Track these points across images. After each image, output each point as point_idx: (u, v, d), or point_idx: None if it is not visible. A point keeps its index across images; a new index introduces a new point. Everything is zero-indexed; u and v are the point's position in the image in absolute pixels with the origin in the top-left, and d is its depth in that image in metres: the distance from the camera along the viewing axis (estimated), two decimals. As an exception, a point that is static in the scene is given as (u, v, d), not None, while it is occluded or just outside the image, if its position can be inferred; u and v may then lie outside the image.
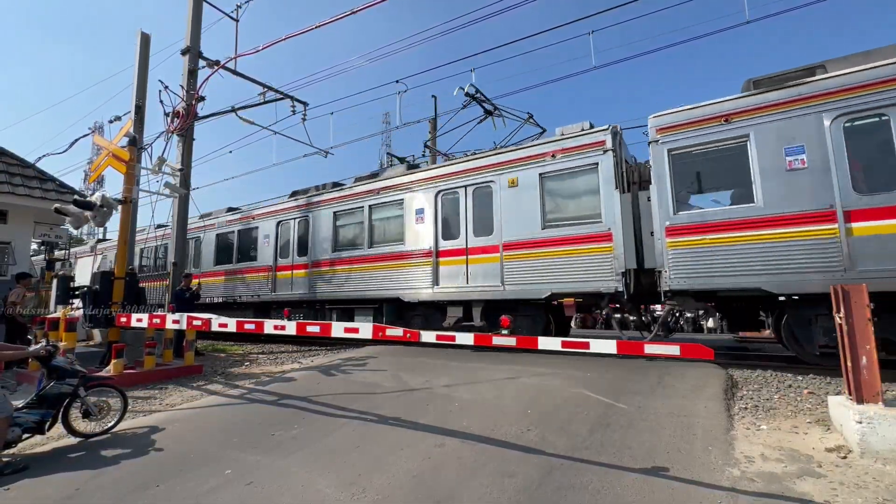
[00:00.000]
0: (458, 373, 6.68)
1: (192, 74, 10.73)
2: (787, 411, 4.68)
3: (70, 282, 8.26)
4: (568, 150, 8.15)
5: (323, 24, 10.79)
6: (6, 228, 10.91)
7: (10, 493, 3.36)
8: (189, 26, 10.99)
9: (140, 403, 5.80)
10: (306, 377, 7.02)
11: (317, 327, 4.80)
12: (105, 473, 3.65)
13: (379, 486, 3.23)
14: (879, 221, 5.76)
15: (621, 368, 6.49)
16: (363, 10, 10.02)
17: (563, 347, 3.93)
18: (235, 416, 5.21)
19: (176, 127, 10.29)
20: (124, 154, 7.92)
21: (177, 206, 10.34)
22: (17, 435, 3.95)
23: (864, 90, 6.01)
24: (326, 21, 10.77)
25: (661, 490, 3.06)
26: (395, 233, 10.24)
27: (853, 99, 6.05)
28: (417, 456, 3.75)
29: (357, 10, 10.08)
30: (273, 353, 10.15)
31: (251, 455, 3.91)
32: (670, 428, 4.19)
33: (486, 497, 3.03)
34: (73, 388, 4.33)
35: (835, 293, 4.04)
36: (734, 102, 6.78)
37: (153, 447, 4.20)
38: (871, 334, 3.80)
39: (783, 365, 6.74)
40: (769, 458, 3.57)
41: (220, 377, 7.50)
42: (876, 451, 3.47)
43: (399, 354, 8.53)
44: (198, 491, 3.27)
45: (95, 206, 7.60)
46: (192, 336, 8.01)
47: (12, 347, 4.43)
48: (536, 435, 4.13)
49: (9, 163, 10.87)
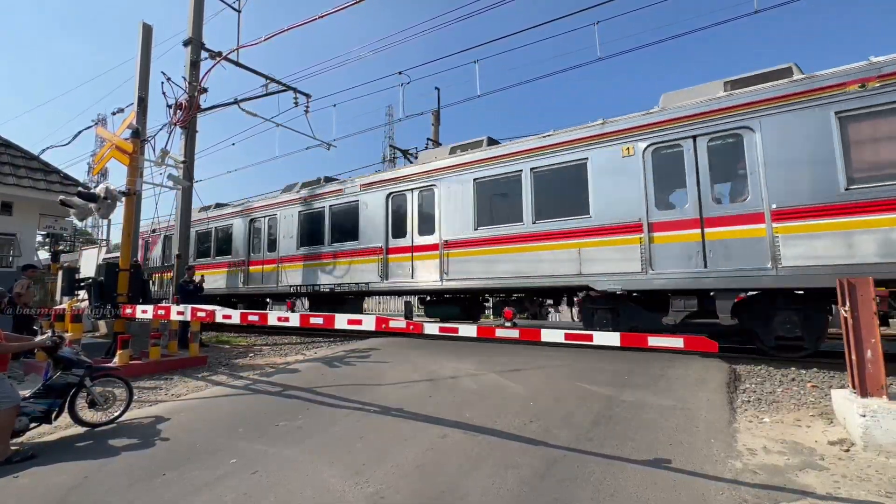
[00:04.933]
0: (461, 364, 6.70)
1: (194, 66, 10.69)
2: (791, 404, 4.68)
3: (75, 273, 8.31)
4: None
5: (326, 14, 10.72)
6: (11, 220, 10.98)
7: (19, 481, 3.41)
8: (191, 17, 10.93)
9: (146, 394, 5.85)
10: (310, 368, 7.06)
11: (320, 319, 4.82)
12: (112, 462, 3.69)
13: (382, 476, 3.25)
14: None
15: (624, 361, 6.49)
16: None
17: (567, 340, 3.93)
18: (240, 407, 5.25)
19: (179, 119, 10.28)
20: (128, 146, 7.93)
21: (180, 198, 10.36)
22: (25, 424, 4.00)
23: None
24: (329, 11, 10.71)
25: (663, 482, 3.07)
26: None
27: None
28: (421, 446, 3.77)
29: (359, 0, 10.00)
30: (277, 345, 10.21)
31: (256, 445, 3.95)
32: (673, 420, 4.20)
33: (489, 488, 3.05)
34: (79, 378, 4.37)
35: (840, 287, 4.02)
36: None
37: (159, 437, 4.24)
38: (876, 328, 3.79)
39: (787, 358, 6.73)
40: (772, 450, 3.57)
41: (225, 368, 7.55)
42: (879, 445, 3.47)
43: (403, 346, 8.57)
44: (204, 479, 3.30)
45: (99, 198, 7.63)
46: (196, 327, 8.07)
47: (19, 338, 4.47)
48: (539, 427, 4.14)
49: (14, 155, 10.92)
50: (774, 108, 6.40)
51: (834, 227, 5.91)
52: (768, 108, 6.44)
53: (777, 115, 6.38)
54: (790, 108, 6.30)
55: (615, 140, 7.62)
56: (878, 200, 5.68)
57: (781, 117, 6.35)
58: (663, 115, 7.26)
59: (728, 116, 6.71)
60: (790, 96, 6.32)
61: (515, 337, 4.11)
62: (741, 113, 6.62)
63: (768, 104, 6.44)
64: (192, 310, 5.79)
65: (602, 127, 7.80)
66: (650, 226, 7.18)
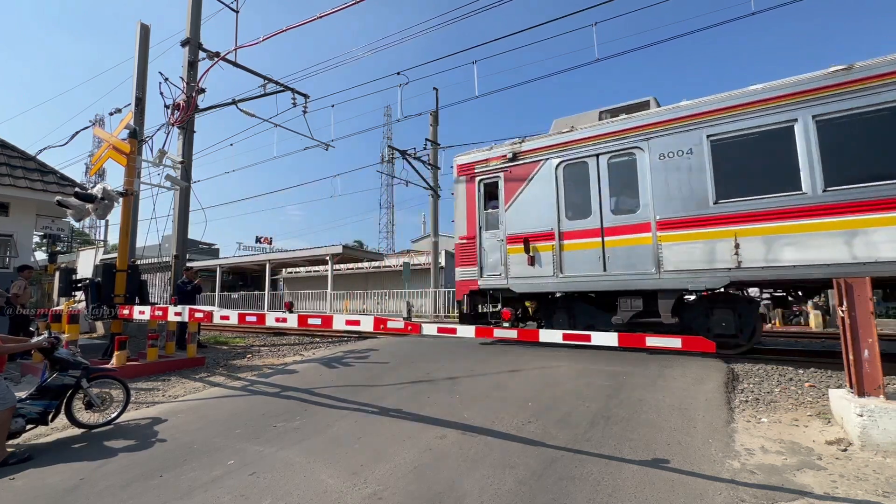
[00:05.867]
0: (459, 365, 6.69)
1: (192, 66, 10.67)
2: (788, 404, 4.69)
3: (72, 274, 8.28)
4: None
5: (324, 14, 10.70)
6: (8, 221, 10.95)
7: (15, 483, 3.39)
8: (189, 17, 10.91)
9: (143, 395, 5.83)
10: (308, 369, 7.05)
11: (318, 319, 4.81)
12: (109, 463, 3.68)
13: (380, 477, 3.24)
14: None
15: (623, 361, 6.50)
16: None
17: (565, 340, 3.93)
18: (238, 408, 5.24)
19: (177, 119, 10.25)
20: (125, 146, 7.91)
21: (178, 198, 10.33)
22: (21, 426, 3.98)
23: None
24: (328, 11, 10.68)
25: (661, 482, 3.07)
26: None
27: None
28: (419, 447, 3.76)
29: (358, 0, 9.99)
30: (275, 346, 10.19)
31: (254, 446, 3.94)
32: (671, 420, 4.20)
33: (487, 488, 3.04)
34: (75, 379, 4.35)
35: (838, 286, 4.03)
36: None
37: (156, 438, 4.23)
38: (873, 327, 3.80)
39: (785, 358, 6.74)
40: (769, 450, 3.58)
41: (223, 369, 7.53)
42: (877, 444, 3.48)
43: (401, 347, 8.56)
44: (201, 480, 3.29)
45: (97, 199, 7.60)
46: (194, 328, 8.05)
47: (16, 339, 4.45)
48: (537, 427, 4.14)
49: (10, 155, 10.88)
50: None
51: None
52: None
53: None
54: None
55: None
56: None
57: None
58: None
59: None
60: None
61: (514, 337, 4.12)
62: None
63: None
64: (190, 310, 5.78)
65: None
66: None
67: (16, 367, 7.21)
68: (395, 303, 20.27)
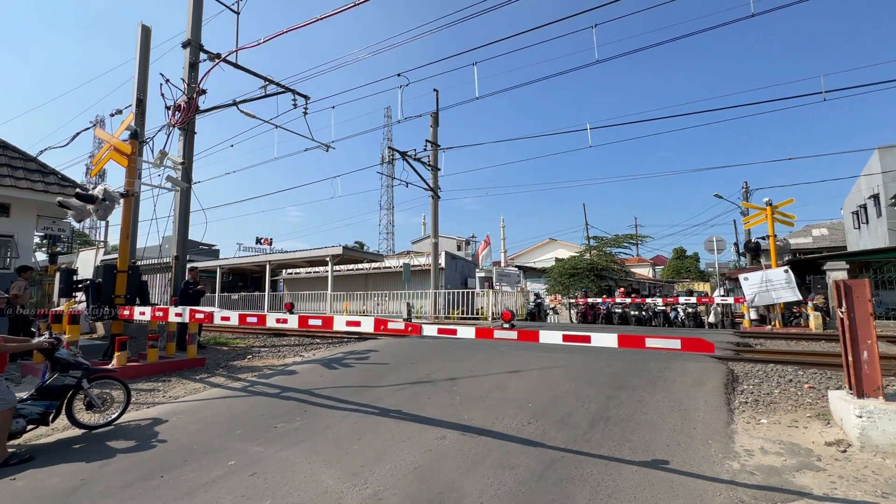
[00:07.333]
0: (459, 366, 6.70)
1: (193, 67, 10.68)
2: (788, 405, 4.69)
3: (73, 275, 8.28)
4: None
5: (325, 16, 10.72)
6: (9, 222, 10.96)
7: (16, 483, 3.39)
8: (190, 19, 10.92)
9: (143, 395, 5.84)
10: (308, 370, 7.05)
11: (318, 320, 4.82)
12: (109, 464, 3.68)
13: (380, 478, 3.25)
14: None
15: (622, 362, 6.50)
16: (364, 1, 9.94)
17: (564, 341, 3.94)
18: (238, 409, 5.25)
19: (177, 120, 10.26)
20: (126, 147, 7.92)
21: (178, 199, 10.34)
22: (22, 426, 3.99)
23: None
24: (329, 13, 10.71)
25: (660, 482, 3.07)
26: None
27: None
28: (419, 448, 3.77)
29: (359, 2, 10.01)
30: (275, 347, 10.19)
31: (254, 446, 3.94)
32: (670, 421, 4.21)
33: (487, 489, 3.05)
34: (76, 380, 4.35)
35: (837, 288, 4.04)
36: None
37: (157, 438, 4.23)
38: (872, 329, 3.80)
39: (784, 359, 6.74)
40: (769, 451, 3.58)
41: (223, 370, 7.54)
42: (876, 445, 3.48)
43: (401, 347, 8.57)
44: (201, 481, 3.30)
45: (97, 200, 7.61)
46: (194, 329, 8.05)
47: (16, 339, 4.46)
48: (537, 428, 4.15)
49: (11, 156, 10.89)
50: None
51: None
52: None
53: None
54: None
55: None
56: None
57: None
58: None
59: None
60: None
61: (513, 338, 4.12)
62: None
63: None
64: (191, 311, 5.79)
65: None
66: None
67: (16, 368, 7.21)
68: (395, 304, 20.24)
